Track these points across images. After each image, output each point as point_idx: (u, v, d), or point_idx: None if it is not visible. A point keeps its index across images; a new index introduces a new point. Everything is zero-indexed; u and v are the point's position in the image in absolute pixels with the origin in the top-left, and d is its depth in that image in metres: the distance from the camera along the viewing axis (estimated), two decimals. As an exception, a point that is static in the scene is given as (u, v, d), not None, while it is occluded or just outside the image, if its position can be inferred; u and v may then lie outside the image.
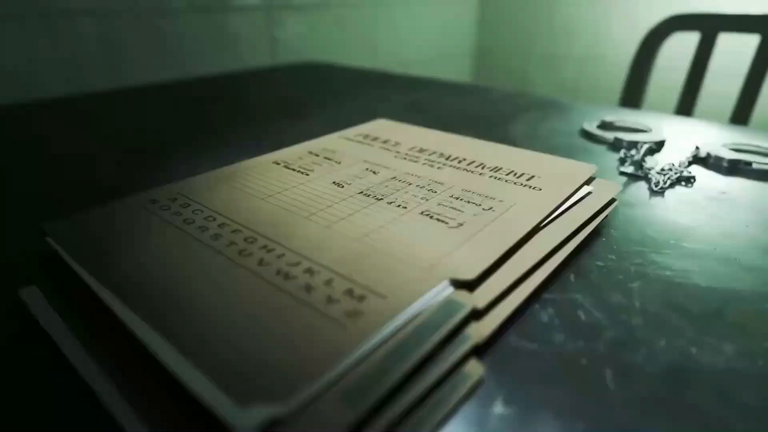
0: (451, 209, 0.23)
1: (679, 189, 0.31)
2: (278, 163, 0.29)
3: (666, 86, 1.15)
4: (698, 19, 0.62)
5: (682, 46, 1.09)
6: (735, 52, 1.02)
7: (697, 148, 0.36)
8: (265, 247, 0.20)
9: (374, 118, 0.46)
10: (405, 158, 0.30)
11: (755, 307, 0.19)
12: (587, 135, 0.42)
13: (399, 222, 0.22)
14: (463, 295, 0.17)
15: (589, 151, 0.38)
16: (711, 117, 1.14)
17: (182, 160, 0.35)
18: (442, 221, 0.22)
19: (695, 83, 0.65)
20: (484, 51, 1.57)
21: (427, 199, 0.24)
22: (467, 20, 1.50)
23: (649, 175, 0.32)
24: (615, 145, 0.39)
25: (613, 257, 0.23)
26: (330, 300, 0.17)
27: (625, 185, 0.31)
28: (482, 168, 0.29)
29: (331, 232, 0.21)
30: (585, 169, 0.28)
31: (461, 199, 0.24)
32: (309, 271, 0.18)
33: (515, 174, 0.28)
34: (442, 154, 0.31)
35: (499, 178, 0.27)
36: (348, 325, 0.15)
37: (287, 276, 0.18)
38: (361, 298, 0.17)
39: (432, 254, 0.19)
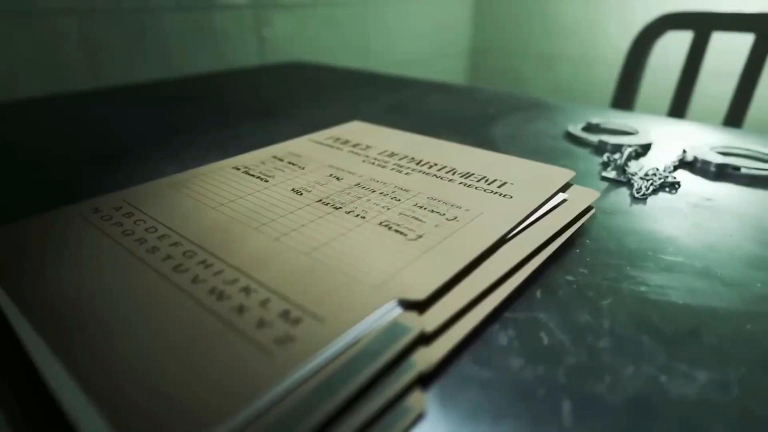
0: (412, 219, 0.22)
1: (663, 195, 0.29)
2: (238, 168, 0.28)
3: (660, 87, 1.14)
4: (691, 17, 0.60)
5: (676, 45, 1.07)
6: (730, 51, 1.00)
7: (684, 151, 0.35)
8: (203, 262, 0.18)
9: (356, 119, 0.45)
10: (373, 163, 0.29)
11: (733, 327, 0.18)
12: (572, 137, 0.40)
13: (355, 233, 0.21)
14: (411, 317, 0.16)
15: (571, 155, 0.36)
16: (705, 118, 1.12)
17: (147, 163, 0.34)
18: (401, 233, 0.21)
19: (688, 84, 0.64)
20: (478, 51, 1.56)
21: (388, 208, 0.23)
22: (462, 19, 1.48)
23: (632, 181, 0.31)
24: (599, 148, 0.38)
25: (585, 271, 0.21)
26: (261, 324, 0.15)
27: (606, 191, 0.30)
28: (453, 174, 0.27)
29: (279, 245, 0.20)
30: (561, 175, 0.27)
31: (425, 208, 0.23)
32: (246, 289, 0.17)
33: (487, 180, 0.26)
34: (413, 159, 0.29)
35: (469, 185, 0.25)
36: (275, 354, 0.14)
37: (221, 296, 0.16)
38: (296, 321, 0.15)
39: (384, 270, 0.18)
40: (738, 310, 0.19)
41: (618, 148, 0.37)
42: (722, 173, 0.33)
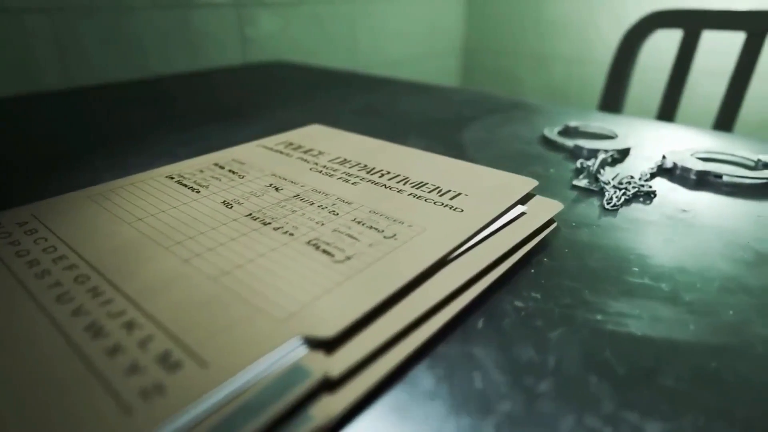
0: (346, 237, 0.20)
1: (636, 206, 0.27)
2: (172, 177, 0.25)
3: (650, 88, 1.11)
4: (680, 15, 0.58)
5: (668, 44, 1.05)
6: (725, 49, 0.98)
7: (664, 157, 0.32)
8: (94, 289, 0.16)
9: (325, 121, 0.43)
10: (321, 171, 0.26)
11: (696, 365, 0.15)
12: (547, 142, 0.38)
13: (277, 254, 0.18)
14: (315, 359, 0.14)
15: (544, 160, 0.34)
16: (697, 119, 1.10)
17: (86, 171, 0.31)
18: (329, 253, 0.18)
19: (678, 84, 0.61)
20: (471, 51, 1.53)
21: (323, 224, 0.21)
22: (453, 18, 1.46)
23: (605, 190, 0.28)
24: (575, 154, 0.35)
25: (538, 295, 0.19)
26: (133, 369, 0.13)
27: (575, 202, 0.27)
28: (404, 183, 0.25)
29: (187, 268, 0.17)
30: (522, 185, 0.24)
31: (363, 224, 0.21)
32: (129, 325, 0.14)
33: (440, 191, 0.24)
34: (365, 167, 0.27)
35: (420, 197, 0.23)
36: (136, 410, 0.12)
37: (98, 332, 0.14)
38: (175, 367, 0.13)
39: (297, 299, 0.16)
40: (704, 343, 0.16)
41: (594, 153, 0.34)
42: (703, 181, 0.30)
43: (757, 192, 0.29)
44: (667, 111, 0.62)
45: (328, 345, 0.14)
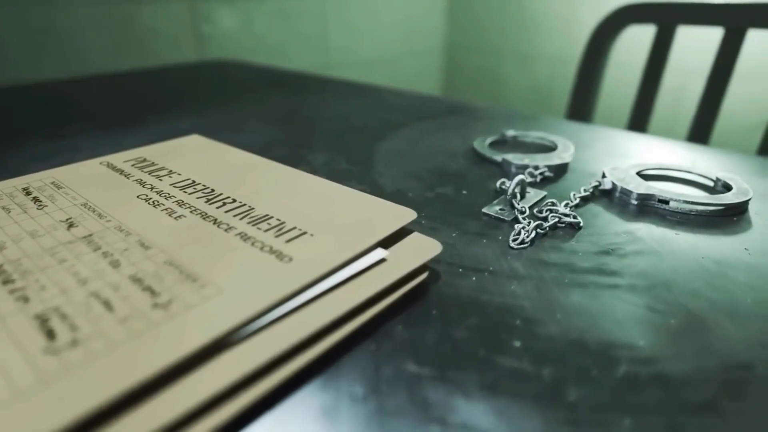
0: (100, 305, 0.14)
1: (553, 244, 0.21)
2: (-51, 208, 0.20)
3: (626, 91, 1.05)
4: (652, 8, 0.52)
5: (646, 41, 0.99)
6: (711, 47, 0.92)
7: (604, 176, 0.27)
8: None
9: (230, 128, 0.37)
10: (150, 200, 0.21)
11: None
12: (476, 154, 0.32)
13: (-21, 335, 0.13)
14: None
15: (461, 179, 0.28)
16: (675, 126, 1.04)
17: None
18: (52, 334, 0.13)
19: (651, 84, 0.56)
20: (454, 48, 1.47)
21: (84, 283, 0.15)
22: (434, 14, 1.40)
23: (519, 219, 0.23)
24: (503, 170, 0.30)
25: (361, 390, 0.13)
26: None
27: (476, 236, 0.22)
28: (243, 218, 0.19)
29: None
30: (393, 220, 0.19)
31: (141, 282, 0.15)
32: None
33: (280, 229, 0.18)
34: (211, 192, 0.22)
35: (248, 238, 0.18)
36: None
37: None
38: None
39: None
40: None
41: (523, 169, 0.29)
42: (645, 207, 0.25)
43: (707, 224, 0.23)
44: (640, 116, 0.57)
45: None
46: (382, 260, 0.17)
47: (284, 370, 0.13)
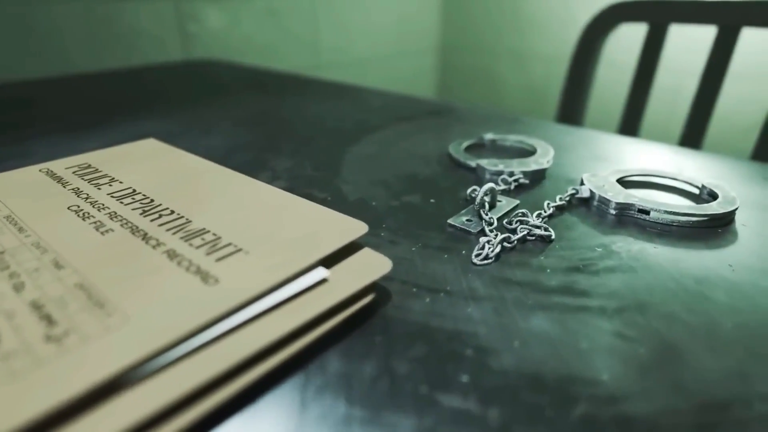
0: (-15, 338, 0.12)
1: (520, 259, 0.20)
2: None
3: (618, 91, 1.03)
4: (643, 7, 0.51)
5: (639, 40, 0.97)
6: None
7: (582, 183, 0.25)
8: None
9: (198, 130, 0.35)
10: (80, 211, 0.19)
11: None
12: (451, 159, 0.31)
13: None
14: None
15: (431, 186, 0.27)
16: (669, 126, 1.02)
17: None
18: None
19: (643, 84, 0.54)
20: (449, 48, 1.46)
21: (-24, 310, 0.13)
22: (428, 13, 1.38)
23: (486, 232, 0.21)
24: (478, 176, 0.28)
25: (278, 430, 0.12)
26: None
27: (437, 250, 0.20)
28: (176, 232, 0.18)
29: None
30: (340, 234, 0.17)
31: (41, 309, 0.13)
32: None
33: (215, 245, 0.17)
34: (150, 203, 0.20)
35: (177, 255, 0.16)
36: None
37: None
38: None
39: None
40: None
41: (498, 176, 0.27)
42: (624, 217, 0.23)
43: (689, 236, 0.21)
44: (632, 117, 0.55)
45: None
46: (323, 281, 0.16)
47: (194, 410, 0.12)
